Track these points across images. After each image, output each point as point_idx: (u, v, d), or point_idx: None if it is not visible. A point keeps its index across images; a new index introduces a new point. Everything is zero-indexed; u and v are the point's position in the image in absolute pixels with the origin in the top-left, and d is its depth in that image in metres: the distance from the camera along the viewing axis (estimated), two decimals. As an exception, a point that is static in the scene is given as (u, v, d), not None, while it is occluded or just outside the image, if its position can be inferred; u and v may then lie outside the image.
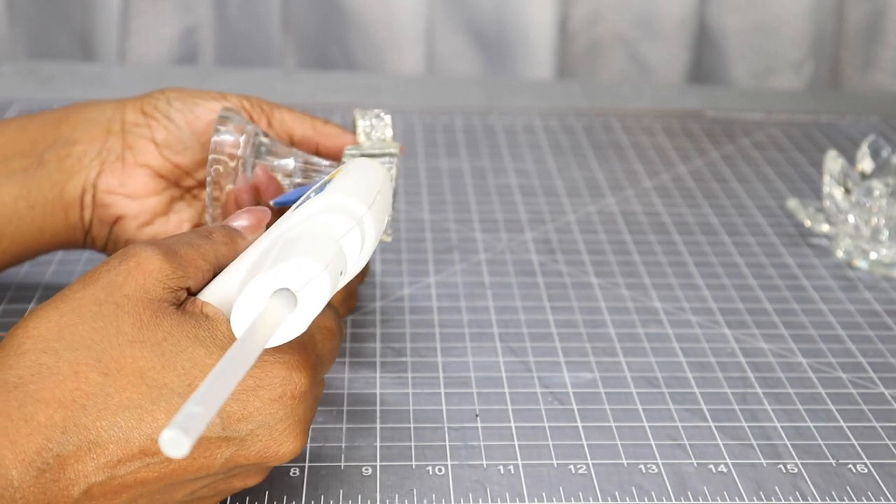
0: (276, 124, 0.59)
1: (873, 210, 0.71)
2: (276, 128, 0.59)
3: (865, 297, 0.69)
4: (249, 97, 0.59)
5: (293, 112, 0.60)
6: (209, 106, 0.58)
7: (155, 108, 0.58)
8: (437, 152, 0.91)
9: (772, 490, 0.50)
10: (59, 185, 0.57)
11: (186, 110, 0.58)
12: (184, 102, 0.58)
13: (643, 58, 1.29)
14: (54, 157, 0.57)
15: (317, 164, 0.58)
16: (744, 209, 0.81)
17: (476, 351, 0.61)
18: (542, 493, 0.50)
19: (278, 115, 0.59)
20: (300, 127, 0.59)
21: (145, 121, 0.58)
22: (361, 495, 0.49)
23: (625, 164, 0.89)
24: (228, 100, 0.59)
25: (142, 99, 0.59)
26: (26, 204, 0.57)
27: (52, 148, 0.58)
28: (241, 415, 0.42)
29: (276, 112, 0.59)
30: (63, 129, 0.58)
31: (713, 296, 0.68)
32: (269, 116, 0.59)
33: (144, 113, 0.58)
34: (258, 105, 0.59)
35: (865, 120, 1.02)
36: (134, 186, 0.58)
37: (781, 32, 1.26)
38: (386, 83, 1.12)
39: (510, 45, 1.25)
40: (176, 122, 0.58)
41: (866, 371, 0.60)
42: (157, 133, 0.58)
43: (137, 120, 0.58)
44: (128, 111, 0.59)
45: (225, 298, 0.43)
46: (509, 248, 0.74)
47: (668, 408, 0.56)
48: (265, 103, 0.60)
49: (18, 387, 0.39)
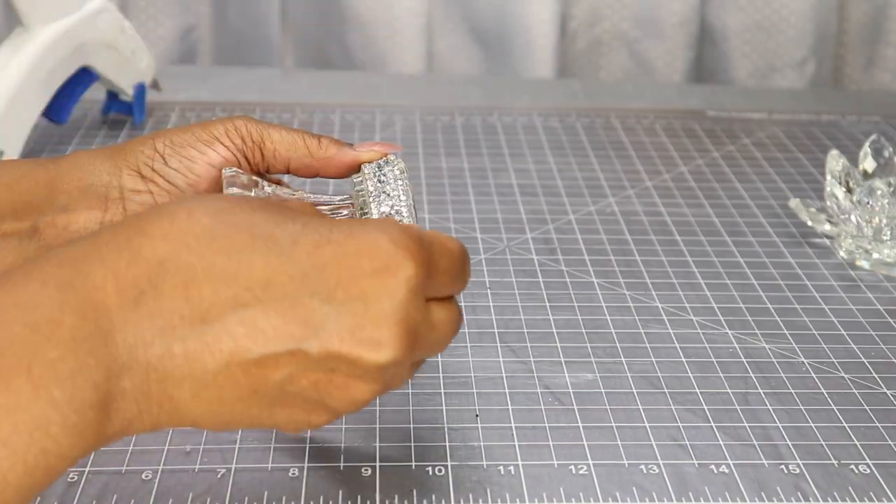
0: (268, 156, 0.56)
1: (875, 210, 0.70)
2: (269, 160, 0.57)
3: (867, 297, 0.68)
4: (237, 122, 0.56)
5: (283, 136, 0.57)
6: (206, 159, 0.55)
7: (152, 169, 0.55)
8: (438, 152, 0.91)
9: (773, 491, 0.50)
10: None
11: (185, 169, 0.55)
12: (180, 160, 0.55)
13: (644, 57, 1.28)
14: (51, 227, 0.55)
15: (329, 201, 0.56)
16: (745, 209, 0.81)
17: (476, 351, 0.61)
18: (542, 494, 0.49)
19: (270, 146, 0.56)
20: (295, 155, 0.56)
21: (145, 186, 0.55)
22: (361, 496, 0.49)
23: (626, 164, 0.89)
24: (216, 131, 0.56)
25: (133, 154, 0.56)
26: None
27: (46, 214, 0.55)
28: (338, 279, 0.41)
29: (266, 141, 0.56)
30: (57, 194, 0.55)
31: (714, 296, 0.68)
32: (261, 148, 0.56)
33: (143, 177, 0.55)
34: (248, 136, 0.56)
35: (867, 119, 1.02)
36: None
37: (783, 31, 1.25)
38: (386, 82, 1.12)
39: (510, 44, 1.25)
40: (179, 186, 0.55)
41: (868, 371, 0.60)
42: (160, 199, 0.55)
43: (137, 186, 0.55)
44: (124, 176, 0.55)
45: None
46: (509, 248, 0.74)
47: (669, 408, 0.56)
48: (255, 131, 0.56)
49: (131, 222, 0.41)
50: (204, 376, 0.40)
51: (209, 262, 0.40)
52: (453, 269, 0.45)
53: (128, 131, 0.93)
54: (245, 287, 0.40)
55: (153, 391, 0.40)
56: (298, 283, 0.41)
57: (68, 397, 0.37)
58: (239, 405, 0.42)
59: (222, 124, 0.56)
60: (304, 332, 0.41)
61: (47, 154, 0.87)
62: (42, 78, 0.81)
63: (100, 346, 0.39)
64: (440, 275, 0.44)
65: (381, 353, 0.41)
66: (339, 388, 0.42)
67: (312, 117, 0.98)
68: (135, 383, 0.40)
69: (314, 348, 0.41)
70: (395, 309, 0.41)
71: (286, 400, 0.42)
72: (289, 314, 0.41)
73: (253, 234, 0.41)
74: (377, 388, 0.43)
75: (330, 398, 0.42)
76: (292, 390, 0.42)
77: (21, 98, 0.79)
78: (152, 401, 0.40)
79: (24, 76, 0.79)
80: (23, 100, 0.80)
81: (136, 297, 0.40)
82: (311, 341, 0.41)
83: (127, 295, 0.40)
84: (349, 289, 0.41)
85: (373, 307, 0.41)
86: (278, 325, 0.41)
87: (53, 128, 0.91)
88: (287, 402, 0.42)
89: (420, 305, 0.43)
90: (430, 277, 0.43)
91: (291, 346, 0.41)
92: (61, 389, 0.37)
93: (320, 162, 0.56)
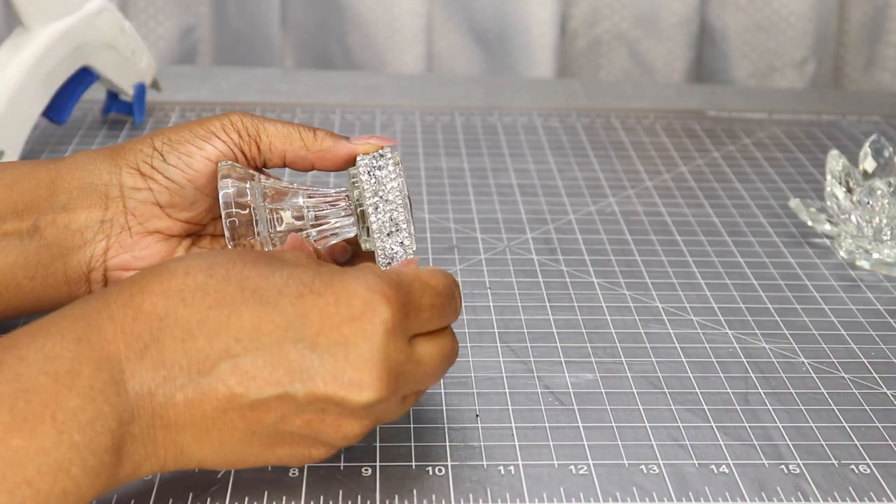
0: (264, 149, 0.57)
1: (875, 210, 0.70)
2: (265, 153, 0.57)
3: (867, 297, 0.68)
4: (232, 117, 0.57)
5: (279, 129, 0.57)
6: (204, 154, 0.56)
7: (151, 166, 0.56)
8: (438, 152, 0.91)
9: (773, 491, 0.50)
10: (61, 260, 0.56)
11: (184, 165, 0.56)
12: (178, 156, 0.56)
13: (644, 57, 1.29)
14: (51, 226, 0.55)
15: (325, 194, 0.57)
16: (745, 209, 0.81)
17: (476, 351, 0.61)
18: (542, 494, 0.49)
19: (265, 139, 0.57)
20: (291, 148, 0.57)
21: (145, 183, 0.56)
22: (361, 496, 0.49)
23: (626, 164, 0.89)
24: (212, 126, 0.56)
25: (132, 153, 0.56)
26: (25, 274, 0.55)
27: (46, 214, 0.55)
28: (320, 326, 0.44)
29: (262, 135, 0.57)
30: (58, 193, 0.56)
31: (714, 296, 0.68)
32: (257, 142, 0.57)
33: (142, 174, 0.56)
34: (244, 130, 0.57)
35: (867, 119, 1.02)
36: (149, 257, 0.57)
37: (783, 31, 1.25)
38: (386, 82, 1.12)
39: (510, 44, 1.25)
40: (178, 182, 0.56)
41: (868, 371, 0.60)
42: (160, 196, 0.56)
43: (137, 183, 0.56)
44: (124, 175, 0.56)
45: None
46: (509, 248, 0.74)
47: (669, 408, 0.56)
48: (250, 125, 0.57)
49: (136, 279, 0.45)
50: (204, 422, 0.44)
51: (203, 316, 0.44)
52: (437, 303, 0.47)
53: (128, 131, 0.93)
54: (235, 338, 0.44)
55: (159, 437, 0.43)
56: (283, 331, 0.44)
57: (87, 441, 0.41)
58: (240, 446, 0.45)
59: (218, 120, 0.57)
60: (291, 377, 0.43)
61: (47, 154, 0.87)
62: (42, 78, 0.81)
63: (113, 395, 0.42)
64: (423, 312, 0.46)
65: (363, 394, 0.44)
66: (330, 426, 0.45)
67: (312, 117, 0.98)
68: (142, 429, 0.43)
69: (300, 392, 0.43)
70: (374, 352, 0.44)
71: (283, 438, 0.45)
72: (276, 361, 0.44)
73: (242, 287, 0.44)
74: (367, 424, 0.45)
75: (324, 434, 0.45)
76: (287, 430, 0.44)
77: (21, 98, 0.79)
78: (158, 445, 0.44)
79: (24, 76, 0.79)
80: (23, 100, 0.80)
81: (141, 350, 0.43)
82: (297, 385, 0.43)
83: (134, 348, 0.43)
84: (330, 335, 0.44)
85: (353, 351, 0.44)
86: (267, 372, 0.43)
87: (53, 128, 0.91)
88: (285, 441, 0.45)
89: (401, 346, 0.45)
90: (410, 317, 0.45)
91: (280, 391, 0.43)
92: (81, 434, 0.41)
93: (316, 154, 0.57)
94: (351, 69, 1.24)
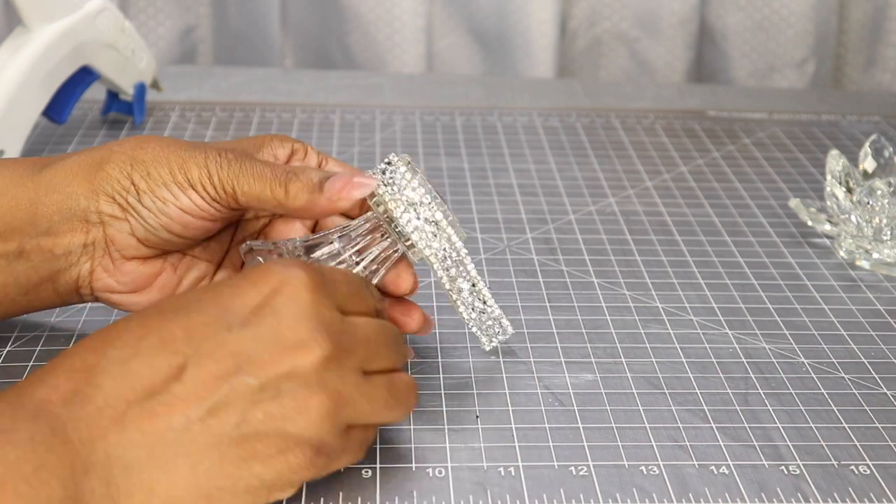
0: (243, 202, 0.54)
1: (875, 209, 0.70)
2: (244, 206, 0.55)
3: (867, 297, 0.68)
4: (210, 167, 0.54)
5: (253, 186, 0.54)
6: (178, 204, 0.54)
7: (126, 201, 0.54)
8: (438, 152, 0.91)
9: (773, 491, 0.50)
10: (50, 281, 0.56)
11: (157, 211, 0.54)
12: (153, 200, 0.54)
13: (644, 57, 1.29)
14: (36, 249, 0.55)
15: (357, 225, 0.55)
16: (745, 209, 0.81)
17: (476, 351, 0.61)
18: (542, 495, 0.49)
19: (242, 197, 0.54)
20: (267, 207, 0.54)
21: (122, 214, 0.55)
22: (361, 497, 0.49)
23: (626, 164, 0.89)
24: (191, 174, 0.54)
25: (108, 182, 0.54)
26: (17, 292, 0.55)
27: (31, 237, 0.55)
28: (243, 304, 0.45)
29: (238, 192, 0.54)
30: (38, 218, 0.55)
31: (714, 296, 0.68)
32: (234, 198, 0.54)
33: (119, 205, 0.55)
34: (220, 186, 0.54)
35: (867, 119, 1.02)
36: (132, 282, 0.56)
37: (783, 31, 1.25)
38: (386, 82, 1.12)
39: (510, 44, 1.25)
40: (151, 225, 0.55)
41: (868, 371, 0.60)
42: (136, 230, 0.55)
43: (114, 212, 0.55)
44: (101, 202, 0.55)
45: None
46: (509, 248, 0.74)
47: (669, 409, 0.56)
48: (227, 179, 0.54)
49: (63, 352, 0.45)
50: (165, 450, 0.42)
51: (135, 347, 0.44)
52: (353, 281, 0.49)
53: (128, 131, 0.93)
54: (172, 351, 0.44)
55: (121, 483, 0.42)
56: (214, 325, 0.44)
57: (35, 493, 0.40)
58: (212, 469, 0.43)
59: (197, 167, 0.54)
60: (237, 361, 0.44)
61: (48, 153, 0.87)
62: (42, 77, 0.81)
63: (57, 445, 0.41)
64: (339, 285, 0.48)
65: (309, 352, 0.44)
66: (292, 410, 0.44)
67: (312, 117, 0.98)
68: (101, 478, 0.41)
69: (249, 373, 0.43)
70: (305, 309, 0.45)
71: (252, 446, 0.44)
72: (217, 353, 0.44)
73: (161, 311, 0.46)
74: (325, 401, 0.44)
75: (291, 424, 0.44)
76: (251, 431, 0.43)
77: (21, 98, 0.79)
78: (121, 493, 0.42)
79: (24, 76, 0.79)
80: (23, 99, 0.80)
81: (81, 400, 0.42)
82: (246, 367, 0.44)
83: (69, 398, 0.42)
84: (259, 311, 0.45)
85: (285, 315, 0.45)
86: (213, 369, 0.43)
87: (53, 127, 0.91)
88: (254, 449, 0.44)
89: (328, 304, 0.46)
90: (328, 285, 0.47)
91: (232, 381, 0.43)
92: (27, 485, 0.40)
93: (293, 212, 0.55)
94: (351, 69, 1.24)
